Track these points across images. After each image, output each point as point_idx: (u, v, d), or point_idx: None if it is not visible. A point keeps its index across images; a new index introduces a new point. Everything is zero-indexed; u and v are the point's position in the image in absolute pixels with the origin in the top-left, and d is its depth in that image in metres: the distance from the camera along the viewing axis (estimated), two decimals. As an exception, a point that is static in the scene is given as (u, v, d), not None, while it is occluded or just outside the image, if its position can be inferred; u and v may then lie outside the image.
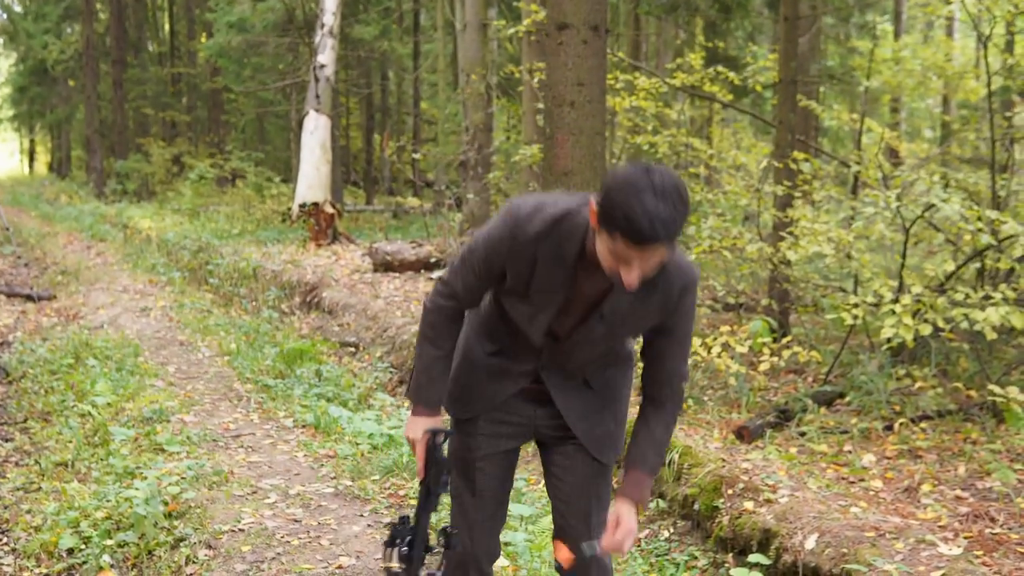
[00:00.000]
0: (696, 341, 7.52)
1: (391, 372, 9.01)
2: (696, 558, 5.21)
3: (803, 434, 6.77)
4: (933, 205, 7.21)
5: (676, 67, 13.17)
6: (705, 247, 8.97)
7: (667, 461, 5.90)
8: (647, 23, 21.82)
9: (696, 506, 5.50)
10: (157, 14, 40.88)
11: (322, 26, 17.80)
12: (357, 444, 6.35)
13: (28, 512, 5.78)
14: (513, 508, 5.15)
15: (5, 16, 42.66)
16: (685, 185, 2.50)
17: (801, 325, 9.78)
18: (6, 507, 5.97)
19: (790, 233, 8.42)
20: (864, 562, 4.31)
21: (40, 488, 6.14)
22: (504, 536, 4.76)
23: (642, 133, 13.24)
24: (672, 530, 5.57)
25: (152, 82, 35.06)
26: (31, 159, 61.90)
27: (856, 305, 7.23)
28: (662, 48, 23.52)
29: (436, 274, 12.85)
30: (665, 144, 12.58)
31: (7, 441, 7.39)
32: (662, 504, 5.75)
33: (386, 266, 13.31)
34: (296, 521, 5.11)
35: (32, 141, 60.65)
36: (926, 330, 6.66)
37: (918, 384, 7.22)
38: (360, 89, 28.18)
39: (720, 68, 12.62)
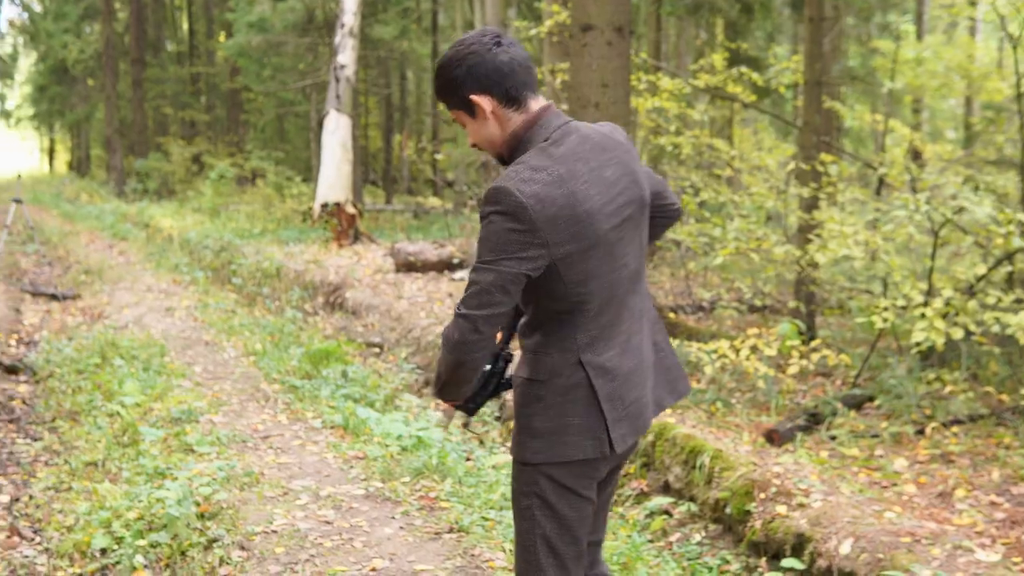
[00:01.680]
0: (724, 343, 7.51)
1: (417, 373, 9.01)
2: (728, 562, 5.19)
3: (833, 438, 6.74)
4: (964, 208, 7.17)
5: (699, 68, 13.15)
6: (731, 249, 8.94)
7: (697, 464, 5.89)
8: (667, 23, 21.80)
9: (727, 510, 5.49)
10: (176, 13, 41.04)
11: (342, 26, 17.82)
12: (386, 446, 6.34)
13: (60, 512, 5.80)
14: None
15: (26, 15, 42.90)
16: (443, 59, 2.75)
17: (828, 327, 9.75)
18: (38, 506, 6.00)
19: (817, 235, 8.39)
20: (901, 568, 4.29)
21: (71, 488, 6.16)
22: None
23: (664, 134, 13.21)
24: (704, 533, 5.55)
25: (171, 81, 35.21)
26: (51, 158, 62.27)
27: (886, 308, 7.20)
28: (683, 48, 23.50)
29: (459, 275, 12.85)
30: (688, 145, 12.55)
31: (36, 440, 7.42)
32: (693, 507, 5.73)
33: (408, 266, 13.31)
34: (328, 523, 5.11)
35: (52, 140, 61.03)
36: (957, 334, 6.63)
37: (949, 388, 7.18)
38: (379, 89, 28.22)
39: (743, 69, 12.59)
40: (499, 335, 2.93)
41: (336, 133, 17.00)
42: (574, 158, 2.66)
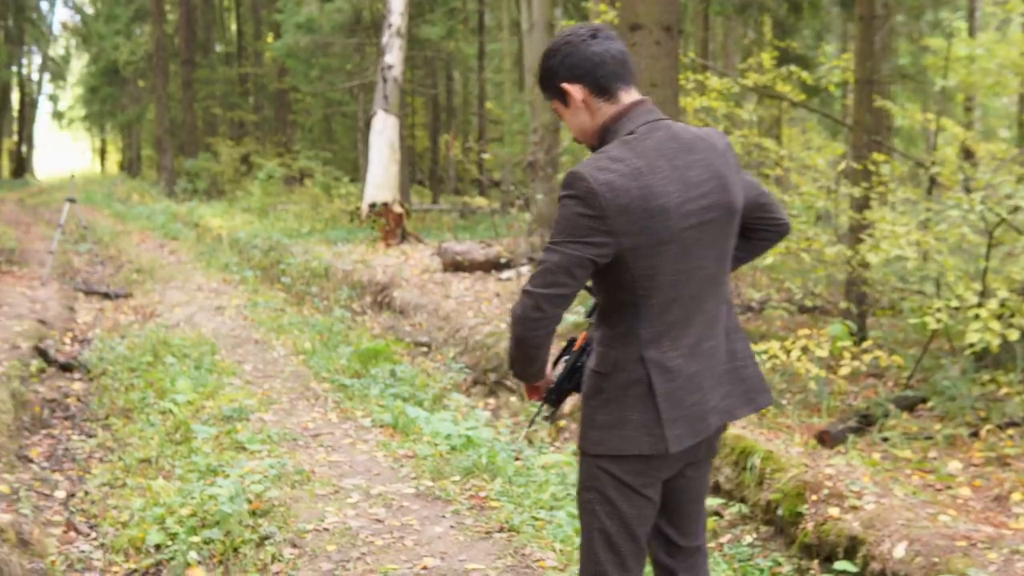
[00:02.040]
0: (774, 344, 7.46)
1: (465, 372, 9.03)
2: (780, 564, 5.16)
3: (886, 439, 6.67)
4: (1019, 207, 7.08)
5: (747, 67, 13.07)
6: (781, 248, 8.88)
7: (748, 465, 5.85)
8: (715, 23, 21.70)
9: (779, 511, 5.45)
10: (224, 15, 41.43)
11: (389, 26, 17.91)
12: (435, 444, 6.36)
13: (115, 508, 5.87)
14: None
15: (78, 18, 43.50)
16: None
17: (879, 328, 9.65)
18: (93, 502, 6.08)
19: (869, 235, 8.31)
20: (957, 572, 4.24)
21: (125, 484, 6.24)
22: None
23: (713, 134, 13.12)
24: (755, 535, 5.52)
25: (220, 82, 35.54)
26: (102, 158, 63.09)
27: (939, 309, 7.12)
28: (730, 48, 23.38)
29: (506, 275, 12.86)
30: (737, 144, 12.47)
31: (90, 437, 7.53)
32: (744, 509, 5.70)
33: (455, 266, 13.35)
34: (379, 521, 5.13)
35: (103, 141, 61.84)
36: (1013, 335, 6.54)
37: (1004, 390, 7.09)
38: (426, 89, 28.32)
39: (792, 68, 12.50)
40: (583, 335, 2.98)
41: (383, 133, 17.09)
42: (657, 154, 2.68)
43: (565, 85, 2.80)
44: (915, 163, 13.69)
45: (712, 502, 5.76)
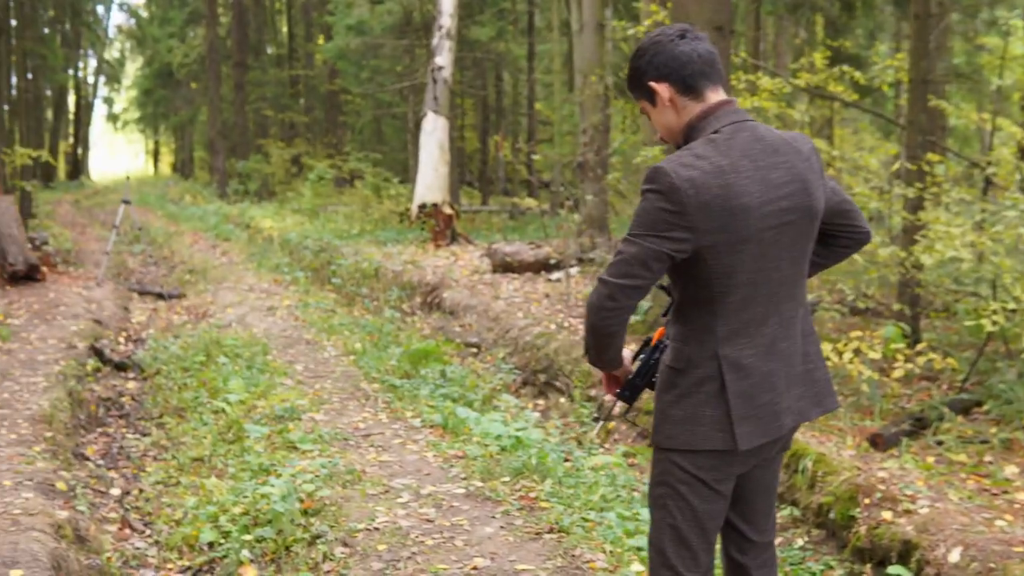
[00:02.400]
0: (827, 346, 7.39)
1: (515, 373, 9.04)
2: (832, 568, 5.12)
3: (940, 443, 6.59)
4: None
5: (799, 67, 12.96)
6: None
7: (800, 468, 5.81)
8: (766, 22, 21.54)
9: (831, 515, 5.40)
10: (276, 17, 41.76)
11: (439, 28, 17.97)
12: (485, 445, 6.37)
13: (169, 506, 5.95)
14: (644, 513, 5.12)
15: (133, 21, 44.07)
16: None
17: (933, 330, 9.54)
18: (148, 500, 6.17)
19: (923, 236, 8.21)
20: (1014, 578, 4.18)
21: (179, 483, 6.32)
22: (638, 541, 4.75)
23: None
24: (806, 539, 5.47)
25: (272, 84, 35.83)
26: (156, 160, 63.86)
27: (995, 311, 7.02)
28: (782, 47, 23.19)
29: (555, 275, 12.85)
30: (788, 145, 12.35)
31: (145, 436, 7.63)
32: (795, 512, 5.66)
33: (505, 267, 13.37)
34: (429, 521, 5.15)
35: (157, 142, 62.60)
36: (1071, 338, 6.44)
37: (1062, 393, 6.97)
38: (476, 90, 28.37)
39: (845, 68, 12.37)
40: (659, 332, 3.01)
41: (434, 134, 17.15)
42: (740, 153, 2.71)
43: (652, 84, 2.84)
44: (970, 163, 13.52)
45: (763, 504, 5.71)
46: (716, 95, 2.82)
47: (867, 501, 5.24)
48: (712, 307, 2.76)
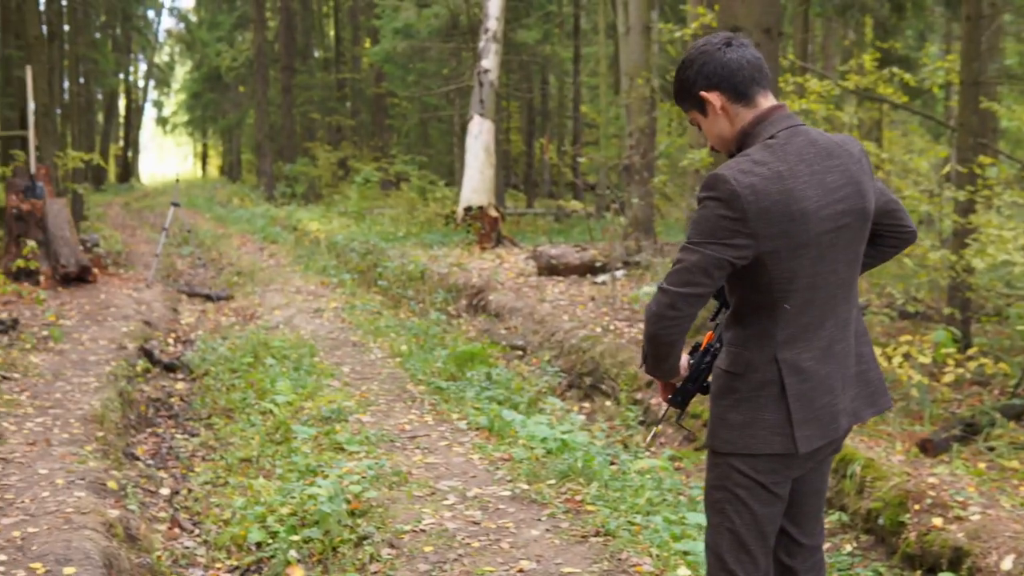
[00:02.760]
0: (876, 350, 7.32)
1: (560, 376, 9.03)
2: (881, 574, 5.08)
3: (992, 449, 6.51)
4: None
5: (848, 69, 12.86)
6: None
7: (848, 473, 5.76)
8: (814, 24, 21.38)
9: (880, 520, 5.36)
10: (323, 21, 42.04)
11: (486, 31, 18.01)
12: (531, 448, 6.36)
13: (217, 505, 6.01)
14: (690, 517, 5.10)
15: (182, 25, 44.56)
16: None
17: (984, 335, 9.41)
18: (196, 500, 6.23)
19: (974, 240, 8.11)
20: (1069, 587, 4.12)
21: (227, 483, 6.38)
22: (685, 545, 4.73)
23: (811, 136, 12.92)
24: (855, 544, 5.43)
25: (319, 87, 36.09)
26: (204, 163, 64.50)
27: (1048, 316, 6.92)
28: (830, 49, 23.02)
29: (601, 278, 12.83)
30: (836, 148, 12.24)
31: (193, 436, 7.71)
32: (844, 517, 5.61)
33: (550, 270, 13.36)
34: (475, 523, 5.16)
35: (205, 145, 63.24)
36: None
37: (1117, 399, 6.86)
38: (521, 93, 28.40)
39: (895, 69, 12.26)
40: (708, 336, 3.03)
41: (479, 137, 17.19)
42: (797, 158, 2.72)
43: (703, 93, 2.84)
44: (1022, 166, 13.34)
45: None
46: (767, 100, 2.83)
47: (917, 507, 5.19)
48: (772, 312, 2.77)
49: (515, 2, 21.84)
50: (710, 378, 2.99)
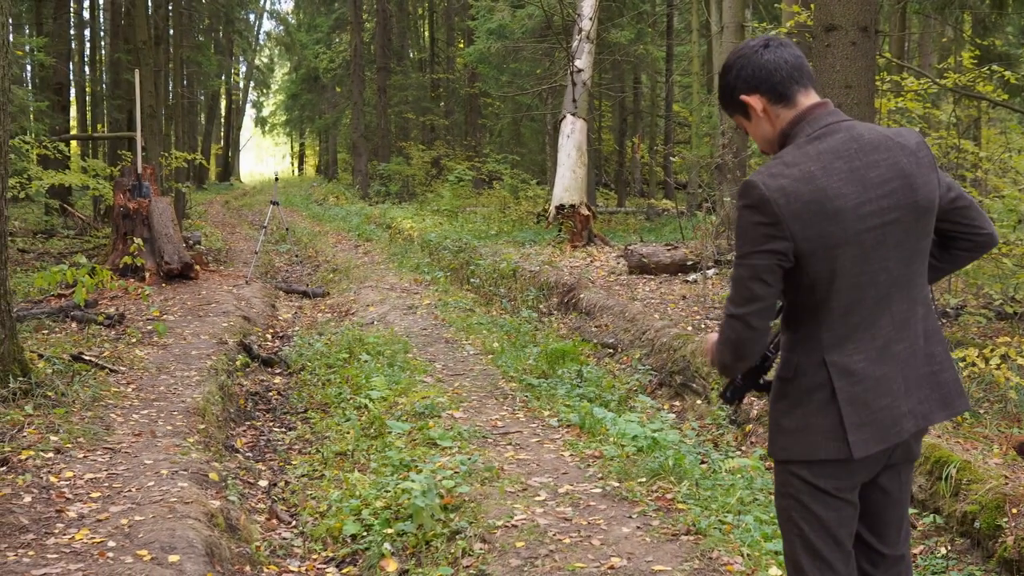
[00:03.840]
0: (972, 351, 7.21)
1: (651, 375, 9.04)
2: (976, 579, 5.00)
3: (1093, 454, 6.35)
4: None
5: (946, 67, 12.63)
6: (981, 254, 8.53)
7: (943, 475, 5.69)
8: (911, 21, 20.99)
9: (976, 524, 5.28)
10: (419, 23, 42.45)
11: (579, 31, 18.04)
12: (622, 446, 6.40)
13: (313, 498, 6.15)
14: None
15: (281, 28, 45.35)
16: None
17: (1087, 338, 9.17)
18: (293, 492, 6.38)
19: (1078, 240, 7.92)
20: None
21: (323, 476, 6.53)
22: (776, 545, 4.72)
23: (909, 135, 12.72)
24: (949, 548, 5.36)
25: (413, 88, 36.48)
26: (300, 162, 65.55)
27: None
28: (927, 46, 22.57)
29: (692, 277, 12.79)
30: (934, 147, 12.06)
31: (290, 430, 7.89)
32: (938, 520, 5.54)
33: (641, 268, 13.35)
34: (567, 520, 5.21)
35: (302, 145, 64.27)
36: None
37: None
38: (614, 93, 28.35)
39: (995, 67, 12.00)
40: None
41: (572, 136, 17.22)
42: (834, 155, 2.68)
43: (744, 97, 2.82)
44: None
45: (905, 513, 5.60)
46: (808, 99, 2.79)
47: (1015, 511, 5.10)
48: (816, 313, 2.72)
49: (609, 2, 21.82)
50: (769, 375, 2.96)
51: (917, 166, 2.73)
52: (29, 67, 26.28)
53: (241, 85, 55.37)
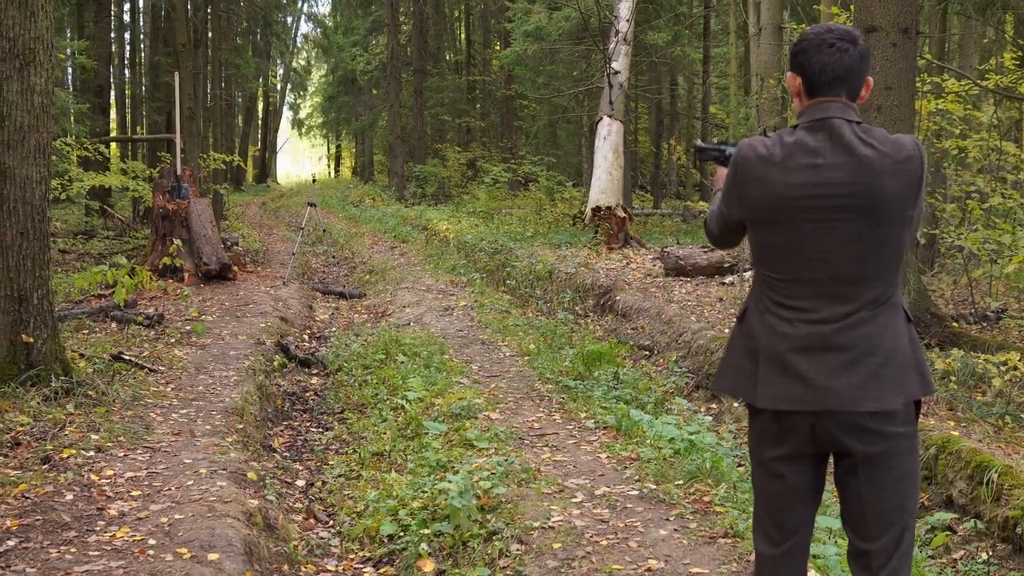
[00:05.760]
0: (1014, 355, 7.14)
1: (688, 377, 9.01)
2: (1018, 585, 4.95)
3: None
4: None
5: (987, 68, 12.51)
6: (1022, 256, 8.47)
7: (985, 480, 5.63)
8: (951, 22, 20.79)
9: (1018, 529, 5.22)
10: (455, 25, 42.54)
11: (616, 33, 18.02)
12: (659, 448, 6.38)
13: (351, 498, 6.18)
14: (819, 520, 5.06)
15: (319, 30, 45.60)
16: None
17: None
18: (331, 492, 6.42)
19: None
20: None
21: (360, 476, 6.55)
22: (814, 548, 4.69)
23: (948, 137, 12.63)
24: (990, 553, 5.30)
25: (449, 90, 36.53)
26: (337, 164, 65.83)
27: None
28: (967, 47, 22.35)
29: (729, 279, 12.74)
30: (975, 149, 11.94)
31: (327, 430, 7.93)
32: (979, 525, 5.48)
33: (678, 270, 13.32)
34: (603, 522, 5.20)
35: (338, 147, 64.57)
36: None
37: None
38: (650, 94, 28.28)
39: (1038, 67, 11.87)
40: None
41: (609, 138, 17.19)
42: (800, 148, 2.89)
43: (790, 73, 3.04)
44: None
45: (944, 516, 5.56)
46: (828, 95, 2.96)
47: (1057, 517, 5.05)
48: (760, 274, 3.01)
49: (645, 4, 21.76)
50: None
51: (892, 175, 2.83)
52: (70, 70, 26.60)
53: (278, 87, 55.65)
